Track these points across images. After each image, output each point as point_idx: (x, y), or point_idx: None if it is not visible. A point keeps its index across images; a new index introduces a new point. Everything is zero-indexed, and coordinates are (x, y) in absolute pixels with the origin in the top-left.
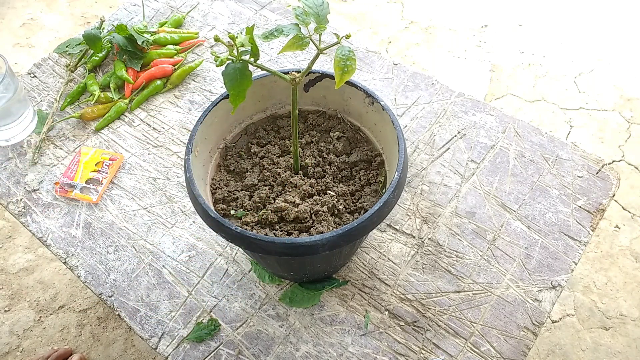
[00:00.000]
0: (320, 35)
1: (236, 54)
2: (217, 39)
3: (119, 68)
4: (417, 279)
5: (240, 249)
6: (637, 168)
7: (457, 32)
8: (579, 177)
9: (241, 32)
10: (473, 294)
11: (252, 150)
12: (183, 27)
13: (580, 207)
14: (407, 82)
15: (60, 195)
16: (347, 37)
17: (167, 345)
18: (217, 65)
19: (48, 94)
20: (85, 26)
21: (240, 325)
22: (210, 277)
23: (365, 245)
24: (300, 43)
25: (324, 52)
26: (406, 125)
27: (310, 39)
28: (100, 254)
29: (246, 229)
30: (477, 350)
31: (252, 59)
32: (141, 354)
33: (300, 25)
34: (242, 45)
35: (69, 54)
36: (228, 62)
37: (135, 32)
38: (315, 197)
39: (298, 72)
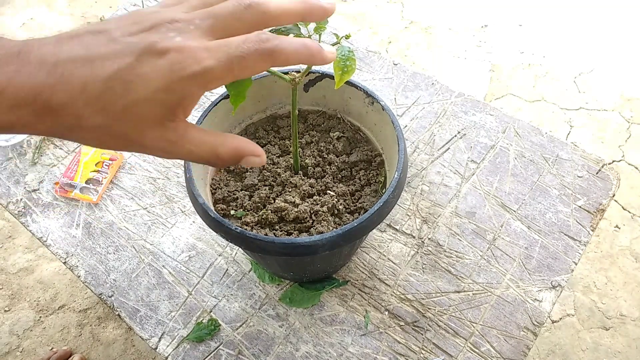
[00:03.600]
0: (320, 35)
1: None
2: None
3: None
4: (417, 279)
5: (240, 249)
6: (637, 168)
7: (457, 32)
8: (579, 177)
9: None
10: (473, 294)
11: None
12: None
13: (580, 207)
14: (407, 82)
15: (60, 195)
16: (347, 37)
17: (167, 345)
18: None
19: None
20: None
21: (240, 325)
22: (210, 277)
23: (365, 245)
24: None
25: None
26: (406, 125)
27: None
28: (100, 254)
29: (246, 229)
30: (477, 350)
31: None
32: (141, 354)
33: (300, 25)
34: None
35: None
36: None
37: None
38: (315, 197)
39: (298, 72)
